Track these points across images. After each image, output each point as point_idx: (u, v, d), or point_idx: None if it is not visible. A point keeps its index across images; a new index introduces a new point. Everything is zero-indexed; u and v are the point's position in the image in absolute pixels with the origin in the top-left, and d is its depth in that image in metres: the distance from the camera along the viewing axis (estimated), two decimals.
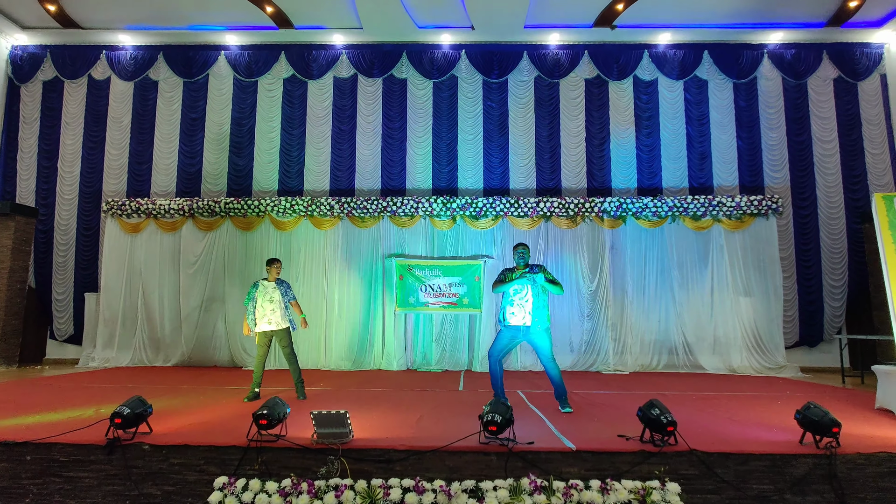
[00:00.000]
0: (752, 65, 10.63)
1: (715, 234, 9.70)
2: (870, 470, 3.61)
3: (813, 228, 10.25)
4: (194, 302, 9.91)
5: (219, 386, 7.15)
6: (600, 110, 10.73)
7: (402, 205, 9.87)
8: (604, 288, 9.65)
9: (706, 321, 9.50)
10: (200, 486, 3.68)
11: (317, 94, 10.95)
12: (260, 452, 3.75)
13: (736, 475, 3.61)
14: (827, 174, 10.36)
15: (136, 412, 3.91)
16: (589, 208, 9.77)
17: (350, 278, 9.83)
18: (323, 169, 10.75)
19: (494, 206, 9.82)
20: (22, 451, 3.83)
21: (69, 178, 10.89)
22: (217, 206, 10.01)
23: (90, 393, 6.38)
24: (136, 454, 3.79)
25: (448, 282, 9.68)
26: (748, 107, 10.61)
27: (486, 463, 3.70)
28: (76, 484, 3.76)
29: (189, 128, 10.93)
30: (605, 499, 3.37)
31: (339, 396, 6.35)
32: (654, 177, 10.51)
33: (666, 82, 10.74)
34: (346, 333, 9.66)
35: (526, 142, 10.68)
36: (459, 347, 9.62)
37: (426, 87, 10.90)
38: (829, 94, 10.58)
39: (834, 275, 10.12)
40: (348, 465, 3.66)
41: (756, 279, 9.52)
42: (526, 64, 10.85)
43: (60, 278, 10.69)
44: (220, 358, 9.79)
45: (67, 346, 10.64)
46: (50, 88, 11.12)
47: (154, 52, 11.04)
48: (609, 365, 9.34)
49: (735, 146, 10.52)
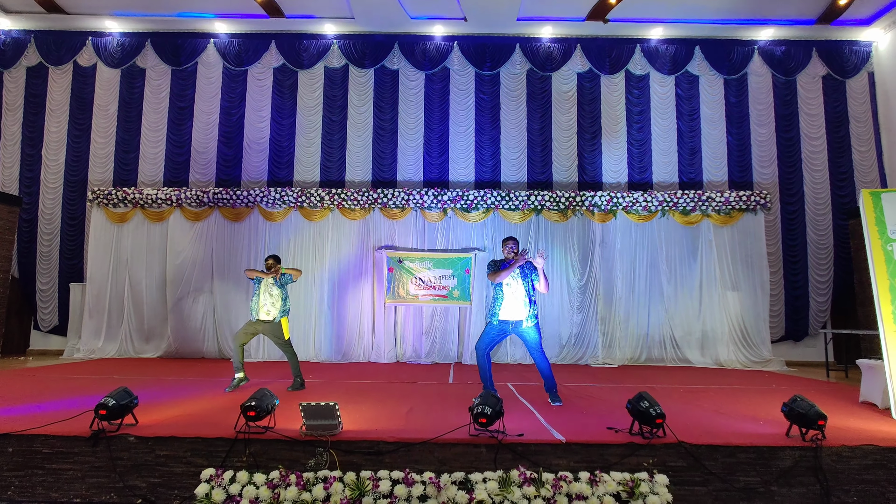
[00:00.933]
0: (743, 61, 10.68)
1: (704, 229, 9.76)
2: (854, 462, 3.66)
3: (800, 224, 10.36)
4: (182, 293, 9.80)
5: (206, 377, 7.08)
6: (592, 104, 10.73)
7: (393, 197, 9.82)
8: (593, 282, 9.69)
9: (694, 315, 9.58)
10: (187, 479, 3.64)
11: (307, 83, 10.83)
12: (248, 444, 3.71)
13: (723, 467, 3.65)
14: (814, 171, 10.46)
15: (121, 403, 3.85)
16: (580, 202, 9.79)
17: (340, 270, 9.78)
18: (313, 160, 10.65)
19: (485, 198, 9.80)
20: (4, 442, 3.76)
21: (54, 167, 10.70)
22: (205, 197, 9.89)
23: (75, 384, 6.29)
24: (121, 446, 3.74)
25: (438, 274, 9.67)
26: (738, 103, 10.67)
27: (475, 455, 3.70)
28: (59, 476, 3.70)
29: (177, 116, 10.78)
30: (594, 490, 3.38)
31: (329, 388, 6.32)
32: (645, 171, 10.55)
33: (657, 77, 10.76)
34: (336, 325, 9.62)
35: (518, 135, 10.66)
36: (449, 340, 9.62)
37: (418, 78, 10.83)
38: (817, 91, 10.66)
39: (820, 270, 10.24)
40: (337, 457, 3.64)
41: (743, 274, 9.61)
42: (518, 57, 10.81)
43: (45, 268, 10.52)
44: (207, 349, 9.70)
45: (52, 336, 10.49)
46: (34, 75, 10.90)
47: (141, 38, 10.85)
48: (598, 358, 9.40)
49: (725, 142, 10.58)
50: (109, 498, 3.64)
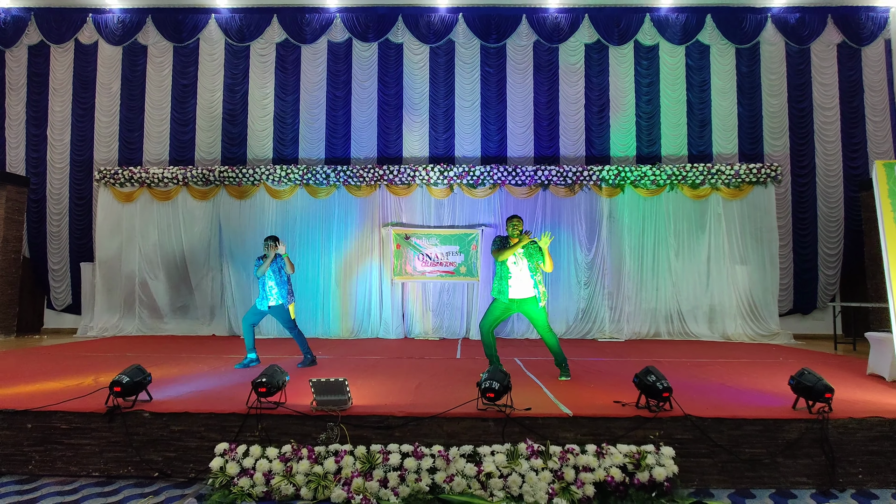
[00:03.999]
0: (756, 29, 10.41)
1: (713, 203, 9.67)
2: (860, 434, 3.68)
3: (810, 197, 10.23)
4: (190, 271, 9.88)
5: (218, 354, 7.19)
6: (600, 76, 10.54)
7: (399, 173, 9.76)
8: (601, 256, 9.67)
9: (702, 289, 9.56)
10: (202, 453, 3.72)
11: (311, 59, 10.69)
12: (260, 419, 3.78)
13: (729, 439, 3.68)
14: (826, 142, 10.28)
15: (134, 380, 3.92)
16: (587, 177, 9.70)
17: (347, 247, 9.80)
18: (318, 136, 10.59)
19: (492, 174, 9.72)
20: (23, 419, 3.86)
21: (59, 147, 10.71)
22: (211, 175, 9.88)
23: (89, 362, 6.41)
24: (136, 422, 3.82)
25: (445, 250, 9.67)
26: (750, 73, 10.44)
27: (483, 429, 3.75)
28: (78, 451, 3.80)
29: (180, 94, 10.70)
30: (601, 462, 3.43)
31: (338, 364, 6.40)
32: (654, 144, 10.41)
33: (667, 47, 10.53)
34: (344, 302, 9.68)
35: (524, 109, 10.52)
36: (457, 316, 9.67)
37: (423, 52, 10.66)
38: (832, 59, 10.40)
39: (830, 243, 10.15)
40: (348, 432, 3.70)
41: (752, 247, 9.54)
42: (525, 28, 10.59)
43: (55, 248, 10.63)
44: (218, 326, 9.83)
45: (65, 315, 10.66)
46: (36, 53, 10.82)
47: (142, 15, 10.71)
48: (605, 332, 9.44)
49: (735, 113, 10.39)
50: (127, 471, 3.74)
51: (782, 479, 3.62)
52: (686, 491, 3.47)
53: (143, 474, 3.73)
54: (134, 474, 3.74)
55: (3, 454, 3.81)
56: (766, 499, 3.45)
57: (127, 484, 3.63)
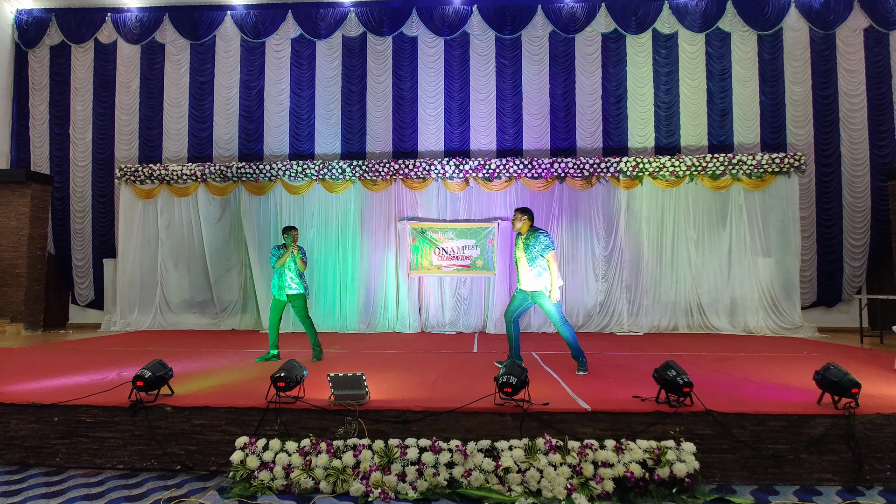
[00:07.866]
0: (778, 15, 10.14)
1: (734, 194, 9.48)
2: (889, 430, 3.59)
3: (835, 187, 9.97)
4: (210, 266, 10.02)
5: (238, 349, 7.28)
6: (617, 66, 10.38)
7: (415, 167, 9.75)
8: (619, 250, 9.56)
9: (723, 282, 9.40)
10: (223, 446, 3.78)
11: (325, 54, 10.71)
12: (279, 413, 3.82)
13: (752, 435, 3.61)
14: (852, 130, 10.00)
15: (157, 375, 3.99)
16: (605, 168, 9.58)
17: (363, 242, 9.84)
18: (333, 131, 10.61)
19: (508, 167, 9.66)
20: (49, 412, 3.95)
21: (81, 145, 10.91)
22: (229, 171, 9.98)
23: (112, 356, 6.54)
24: (159, 415, 3.89)
25: (461, 244, 9.65)
26: (772, 60, 10.18)
27: (501, 423, 3.73)
28: (103, 444, 3.88)
29: (198, 91, 10.81)
30: (620, 458, 3.40)
31: (355, 359, 6.44)
32: (673, 135, 10.23)
33: (686, 35, 10.32)
34: (360, 296, 9.73)
35: (540, 101, 10.41)
36: (473, 309, 9.66)
37: (437, 44, 10.60)
38: (858, 45, 10.09)
39: (855, 234, 9.90)
40: (365, 426, 3.72)
41: (775, 239, 9.35)
42: (540, 19, 10.46)
43: (79, 244, 10.85)
44: (237, 321, 9.96)
45: (89, 310, 10.89)
46: (57, 53, 11.02)
47: (159, 13, 10.83)
48: (623, 326, 9.34)
49: (757, 102, 10.16)
50: (150, 464, 3.81)
51: (807, 476, 3.55)
52: (707, 487, 3.42)
53: (165, 467, 3.80)
54: (157, 467, 3.80)
55: (32, 446, 3.91)
56: (790, 495, 3.38)
57: (150, 476, 3.69)
